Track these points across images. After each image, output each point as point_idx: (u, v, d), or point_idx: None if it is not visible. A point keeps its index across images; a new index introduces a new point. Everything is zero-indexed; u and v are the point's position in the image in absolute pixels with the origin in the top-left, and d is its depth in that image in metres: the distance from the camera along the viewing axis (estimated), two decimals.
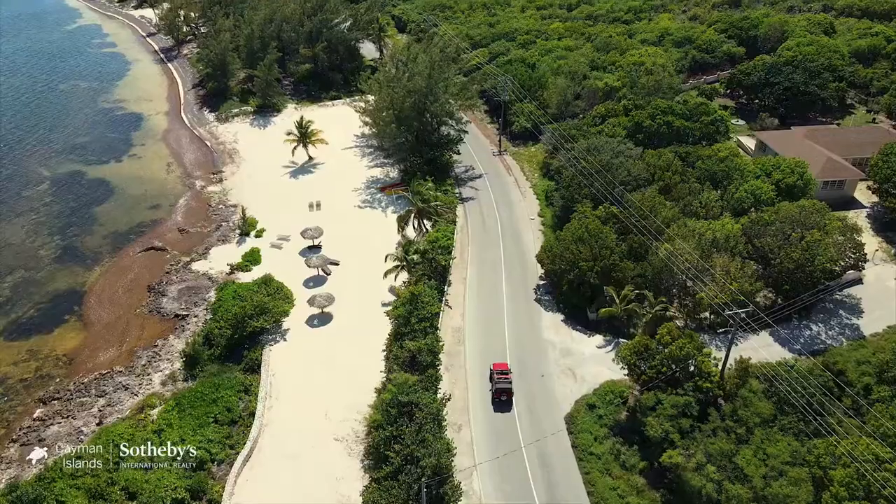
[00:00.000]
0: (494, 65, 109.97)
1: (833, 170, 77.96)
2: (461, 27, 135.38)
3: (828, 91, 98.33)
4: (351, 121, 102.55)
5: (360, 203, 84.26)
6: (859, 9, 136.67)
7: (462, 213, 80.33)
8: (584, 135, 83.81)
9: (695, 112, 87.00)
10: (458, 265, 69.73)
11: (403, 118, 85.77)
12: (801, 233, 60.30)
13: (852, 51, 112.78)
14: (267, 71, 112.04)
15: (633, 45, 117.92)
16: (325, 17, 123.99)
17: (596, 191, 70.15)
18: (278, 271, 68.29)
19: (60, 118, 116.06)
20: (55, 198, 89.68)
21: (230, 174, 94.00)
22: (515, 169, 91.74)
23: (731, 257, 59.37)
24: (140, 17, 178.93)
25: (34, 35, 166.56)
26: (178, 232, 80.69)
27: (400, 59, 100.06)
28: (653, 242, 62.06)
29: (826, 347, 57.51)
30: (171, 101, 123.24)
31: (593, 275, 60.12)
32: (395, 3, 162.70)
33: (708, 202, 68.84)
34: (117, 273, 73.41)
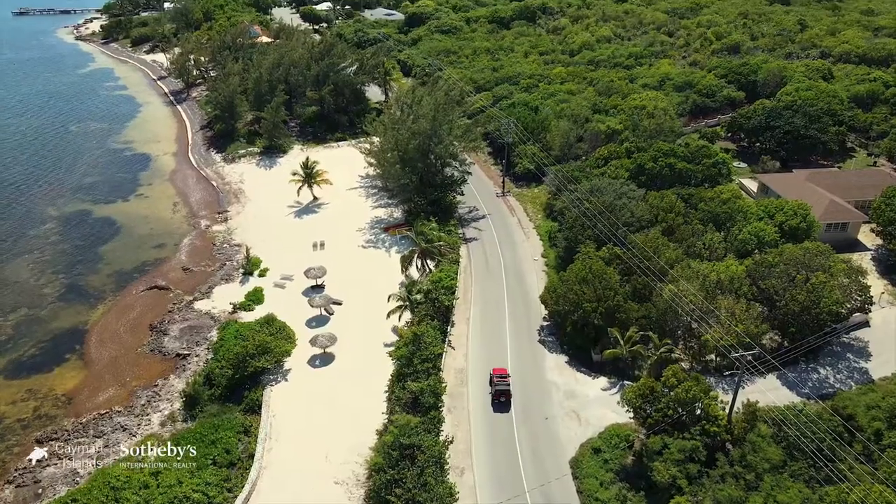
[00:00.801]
0: (498, 108, 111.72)
1: (836, 212, 78.13)
2: (465, 71, 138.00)
3: (828, 135, 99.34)
4: (356, 162, 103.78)
5: (364, 243, 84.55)
6: (856, 55, 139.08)
7: (465, 253, 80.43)
8: (586, 176, 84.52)
9: (696, 154, 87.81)
10: (461, 305, 69.47)
11: (408, 159, 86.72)
12: (806, 275, 60.08)
13: (851, 96, 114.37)
14: (274, 113, 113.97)
15: (635, 89, 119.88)
16: (333, 61, 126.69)
17: (599, 232, 70.31)
18: (281, 311, 68.06)
19: (70, 158, 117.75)
20: (62, 236, 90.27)
21: (235, 214, 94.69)
22: (519, 210, 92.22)
23: (736, 299, 59.05)
24: (151, 62, 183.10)
25: (50, 78, 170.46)
26: (182, 271, 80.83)
27: (405, 102, 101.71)
28: (657, 284, 61.87)
29: (835, 391, 56.62)
30: (179, 142, 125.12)
31: (597, 316, 59.75)
32: (401, 48, 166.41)
33: (711, 244, 68.89)
34: (120, 312, 73.27)
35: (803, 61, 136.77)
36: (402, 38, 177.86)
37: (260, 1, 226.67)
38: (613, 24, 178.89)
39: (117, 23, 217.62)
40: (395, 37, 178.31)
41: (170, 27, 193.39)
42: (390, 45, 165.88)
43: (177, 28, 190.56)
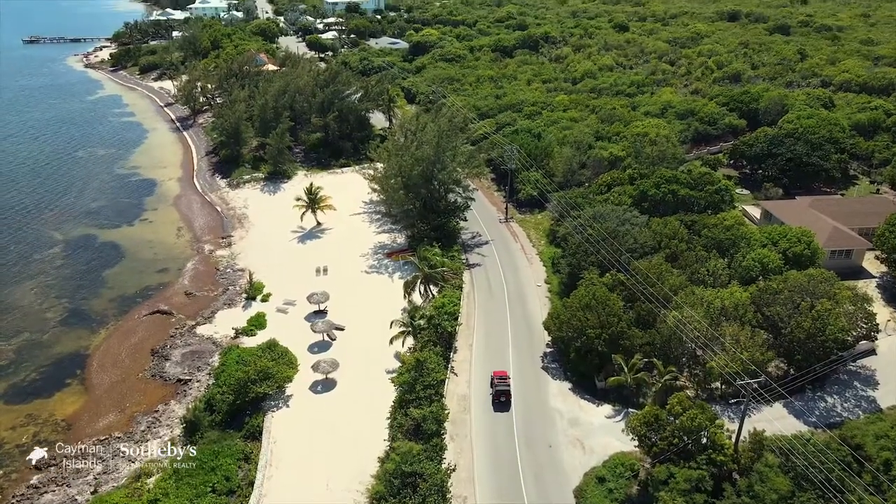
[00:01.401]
0: (501, 134, 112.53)
1: (839, 239, 78.03)
2: (469, 98, 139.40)
3: (830, 162, 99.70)
4: (359, 187, 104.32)
5: (367, 268, 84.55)
6: (857, 84, 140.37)
7: (468, 279, 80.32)
8: (589, 203, 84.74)
9: (699, 181, 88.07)
10: (464, 331, 69.15)
11: (411, 185, 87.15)
12: (811, 302, 59.75)
13: (852, 124, 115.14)
14: (279, 139, 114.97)
15: (637, 116, 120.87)
16: (337, 88, 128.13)
17: (602, 258, 70.24)
18: (283, 336, 67.80)
19: (77, 184, 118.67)
20: (66, 261, 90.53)
21: (239, 239, 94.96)
22: (522, 236, 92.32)
23: (741, 326, 58.65)
24: (159, 89, 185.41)
25: (59, 105, 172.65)
26: (185, 296, 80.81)
27: (409, 129, 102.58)
28: (661, 310, 61.56)
29: (842, 420, 55.90)
30: (184, 167, 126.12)
31: (601, 342, 59.37)
32: (405, 75, 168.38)
33: (715, 270, 68.66)
34: (122, 336, 73.11)
35: (804, 90, 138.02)
36: (407, 66, 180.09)
37: (267, 30, 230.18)
38: (615, 53, 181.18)
39: (126, 51, 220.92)
40: (399, 65, 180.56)
41: (178, 55, 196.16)
42: (395, 73, 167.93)
43: (185, 56, 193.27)
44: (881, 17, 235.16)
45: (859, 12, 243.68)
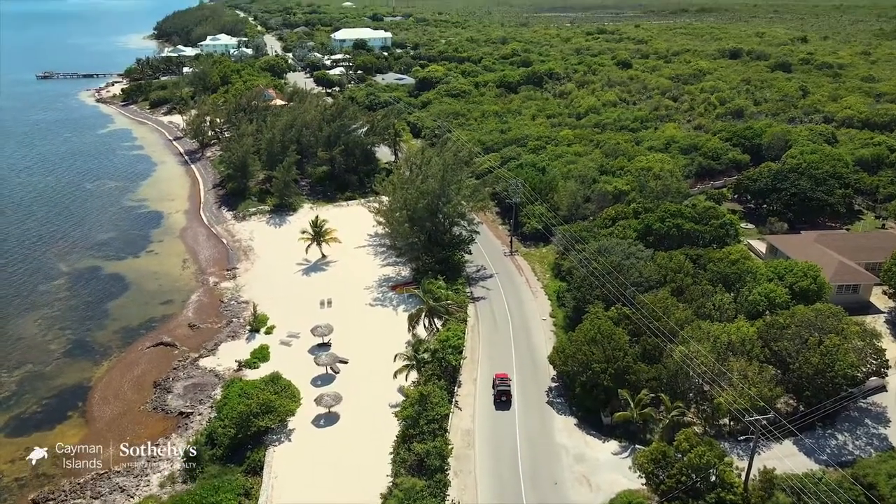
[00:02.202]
0: (506, 168, 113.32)
1: (846, 274, 77.66)
2: (474, 133, 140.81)
3: (835, 197, 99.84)
4: (364, 220, 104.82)
5: (372, 301, 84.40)
6: (859, 120, 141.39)
7: (473, 312, 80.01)
8: (594, 236, 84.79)
9: (704, 215, 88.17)
10: (468, 365, 68.61)
11: (416, 218, 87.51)
12: (819, 337, 59.17)
13: (856, 159, 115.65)
14: (285, 172, 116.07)
15: (641, 151, 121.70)
16: (344, 122, 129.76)
17: (608, 292, 69.97)
18: (286, 369, 67.38)
19: (85, 216, 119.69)
20: (70, 292, 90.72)
21: (244, 271, 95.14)
22: (527, 269, 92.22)
23: (749, 361, 58.03)
24: (168, 123, 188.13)
25: (70, 138, 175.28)
26: (189, 328, 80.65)
27: (414, 162, 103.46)
28: (667, 345, 61.03)
29: (854, 459, 54.83)
30: (191, 200, 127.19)
31: (606, 377, 58.74)
32: (411, 110, 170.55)
33: (721, 304, 68.24)
34: (124, 368, 72.80)
35: (807, 125, 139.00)
36: (413, 101, 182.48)
37: (275, 66, 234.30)
38: (618, 89, 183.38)
39: (137, 86, 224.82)
40: (405, 100, 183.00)
41: (188, 90, 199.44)
42: (400, 108, 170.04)
43: (194, 91, 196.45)
44: (881, 55, 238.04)
45: (859, 50, 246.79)
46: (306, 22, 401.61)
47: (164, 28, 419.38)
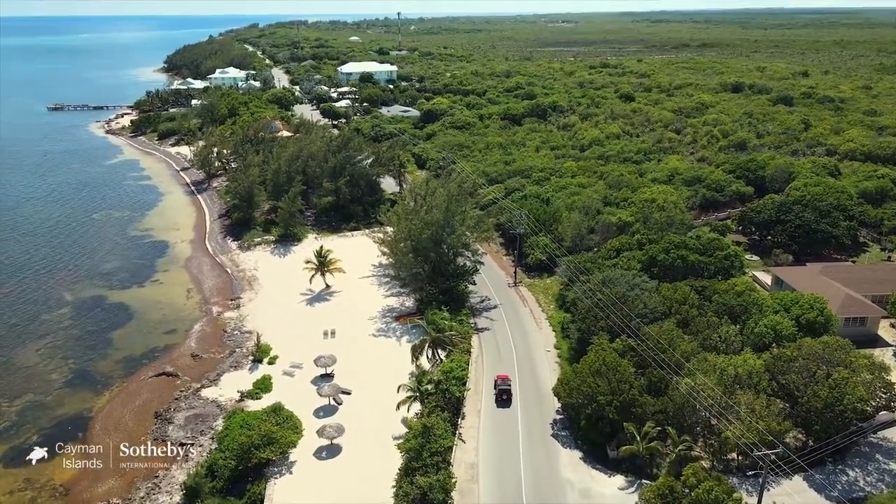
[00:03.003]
0: (510, 199, 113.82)
1: (853, 306, 77.14)
2: (478, 164, 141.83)
3: (839, 229, 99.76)
4: (369, 251, 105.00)
5: (375, 332, 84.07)
6: (862, 153, 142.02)
7: (477, 343, 79.54)
8: (598, 267, 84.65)
9: (708, 247, 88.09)
10: (472, 397, 67.96)
11: (421, 249, 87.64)
12: (827, 370, 58.50)
13: (859, 192, 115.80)
14: (291, 203, 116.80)
15: (644, 183, 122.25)
16: (349, 153, 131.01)
17: (612, 323, 69.55)
18: (289, 399, 66.75)
19: (91, 245, 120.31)
20: (74, 321, 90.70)
21: (248, 300, 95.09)
22: (531, 300, 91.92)
23: (756, 394, 57.29)
24: (176, 154, 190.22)
25: (79, 168, 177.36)
26: (192, 357, 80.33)
27: (419, 193, 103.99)
28: (673, 377, 60.40)
29: (865, 495, 53.78)
30: (197, 229, 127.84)
31: (612, 410, 58.02)
32: (416, 142, 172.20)
33: (727, 336, 67.69)
34: (126, 398, 72.31)
35: (810, 158, 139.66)
36: (418, 133, 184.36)
37: (283, 98, 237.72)
38: (622, 121, 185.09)
39: (146, 118, 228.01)
40: (410, 132, 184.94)
41: (196, 122, 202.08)
42: (406, 140, 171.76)
43: (202, 123, 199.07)
44: (882, 89, 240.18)
45: (860, 84, 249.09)
46: (313, 56, 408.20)
47: (175, 61, 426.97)
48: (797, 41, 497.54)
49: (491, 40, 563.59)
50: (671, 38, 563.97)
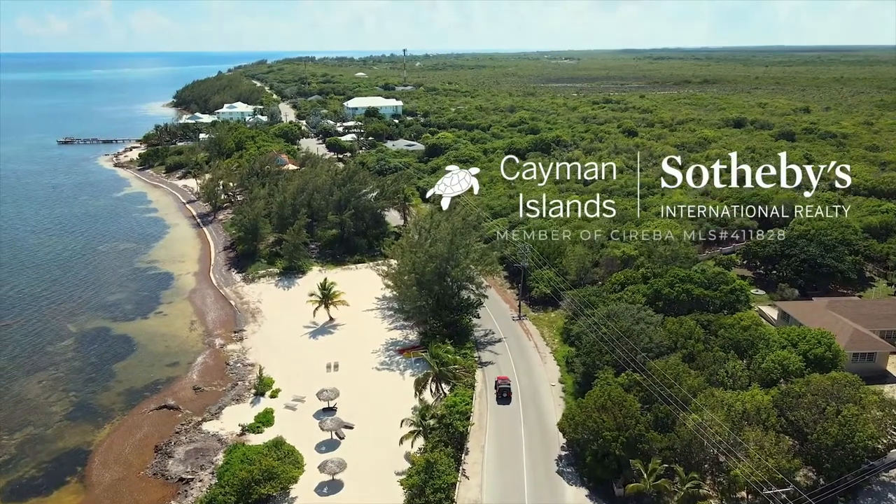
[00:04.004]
0: (514, 233, 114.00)
1: (861, 341, 76.40)
2: (482, 198, 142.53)
3: (845, 263, 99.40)
4: (373, 284, 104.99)
5: (379, 365, 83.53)
6: (865, 188, 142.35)
7: (481, 377, 78.87)
8: (603, 301, 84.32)
9: (713, 281, 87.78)
10: (476, 432, 67.07)
11: (425, 282, 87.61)
12: (837, 407, 57.66)
13: (864, 226, 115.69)
14: (295, 235, 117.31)
15: (648, 216, 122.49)
16: (354, 187, 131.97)
17: (617, 357, 68.98)
18: (290, 434, 66.05)
19: (96, 276, 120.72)
20: (77, 353, 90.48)
21: (251, 333, 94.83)
22: (535, 334, 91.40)
23: (765, 431, 56.40)
24: (182, 187, 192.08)
25: (87, 201, 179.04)
26: (193, 390, 79.82)
27: (423, 226, 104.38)
28: (680, 413, 59.60)
29: None
30: (201, 262, 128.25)
31: (618, 446, 57.12)
32: (421, 175, 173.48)
33: (734, 371, 66.97)
34: (126, 431, 71.66)
35: (813, 193, 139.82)
36: (422, 167, 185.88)
37: (289, 132, 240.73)
38: (625, 156, 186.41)
39: (154, 151, 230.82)
40: (415, 165, 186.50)
41: (203, 155, 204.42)
42: (410, 173, 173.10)
43: (209, 156, 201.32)
44: (884, 125, 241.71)
45: (861, 120, 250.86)
46: (320, 91, 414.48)
47: (184, 96, 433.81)
48: (798, 78, 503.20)
49: (495, 76, 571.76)
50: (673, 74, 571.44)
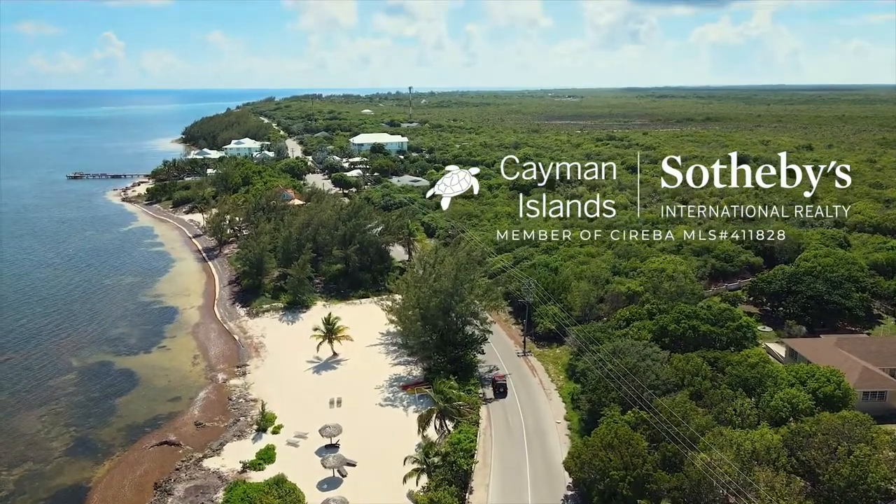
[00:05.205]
0: (518, 268, 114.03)
1: (871, 380, 75.40)
2: (487, 233, 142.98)
3: (852, 300, 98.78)
4: (377, 319, 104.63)
5: (382, 401, 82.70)
6: (870, 225, 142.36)
7: (485, 414, 77.93)
8: (608, 337, 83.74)
9: (720, 317, 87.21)
10: (480, 470, 65.94)
11: (429, 317, 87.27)
12: (848, 447, 56.59)
13: (870, 263, 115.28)
14: (300, 270, 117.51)
15: (653, 252, 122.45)
16: (359, 222, 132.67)
17: (624, 394, 68.16)
18: (292, 471, 65.09)
19: (100, 310, 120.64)
20: (78, 388, 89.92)
21: (254, 368, 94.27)
22: (540, 370, 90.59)
23: (775, 471, 55.28)
24: (189, 221, 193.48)
25: (94, 235, 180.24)
26: (195, 426, 78.99)
27: (428, 261, 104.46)
28: (688, 452, 58.56)
29: None
30: (206, 296, 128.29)
31: (625, 486, 56.03)
32: (426, 211, 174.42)
33: (743, 410, 66.00)
34: (126, 468, 70.71)
35: (818, 229, 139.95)
36: (427, 203, 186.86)
37: (295, 168, 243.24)
38: (629, 192, 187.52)
39: (162, 186, 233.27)
40: (420, 201, 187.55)
41: (210, 190, 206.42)
42: (415, 209, 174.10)
43: (216, 191, 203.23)
44: (886, 162, 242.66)
45: (864, 158, 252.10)
46: (327, 127, 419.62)
47: (192, 132, 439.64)
48: (799, 116, 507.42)
49: (499, 113, 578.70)
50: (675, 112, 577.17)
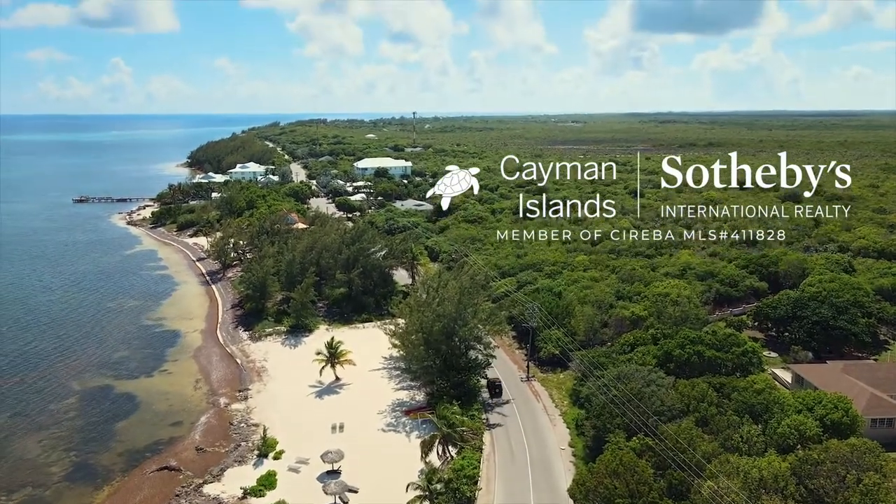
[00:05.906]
0: (522, 293, 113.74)
1: (879, 407, 74.54)
2: (490, 257, 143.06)
3: (858, 326, 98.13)
4: (380, 343, 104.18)
5: (384, 426, 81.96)
6: (875, 250, 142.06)
7: (489, 440, 77.13)
8: (613, 362, 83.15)
9: (725, 343, 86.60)
10: (483, 497, 65.08)
11: (432, 341, 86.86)
12: (857, 475, 55.73)
13: (875, 288, 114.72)
14: (303, 294, 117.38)
15: (657, 277, 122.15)
16: (363, 246, 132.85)
17: (629, 420, 67.44)
18: (293, 497, 64.48)
19: (103, 334, 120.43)
20: (79, 412, 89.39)
21: (256, 392, 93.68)
22: (544, 395, 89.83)
23: (783, 500, 54.41)
24: (193, 244, 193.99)
25: (97, 258, 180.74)
26: (196, 451, 78.26)
27: (431, 285, 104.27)
28: (694, 480, 57.71)
29: None
30: (209, 319, 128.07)
31: None
32: (429, 235, 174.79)
33: (749, 437, 65.17)
34: (125, 494, 69.91)
35: (822, 254, 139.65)
36: (431, 227, 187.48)
37: (299, 192, 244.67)
38: (632, 217, 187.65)
39: (167, 210, 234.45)
40: (423, 225, 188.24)
41: (215, 214, 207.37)
42: (419, 233, 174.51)
43: (221, 214, 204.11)
44: (889, 187, 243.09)
45: (867, 183, 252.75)
46: (331, 151, 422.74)
47: (198, 156, 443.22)
48: (801, 141, 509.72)
49: (503, 138, 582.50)
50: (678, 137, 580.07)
